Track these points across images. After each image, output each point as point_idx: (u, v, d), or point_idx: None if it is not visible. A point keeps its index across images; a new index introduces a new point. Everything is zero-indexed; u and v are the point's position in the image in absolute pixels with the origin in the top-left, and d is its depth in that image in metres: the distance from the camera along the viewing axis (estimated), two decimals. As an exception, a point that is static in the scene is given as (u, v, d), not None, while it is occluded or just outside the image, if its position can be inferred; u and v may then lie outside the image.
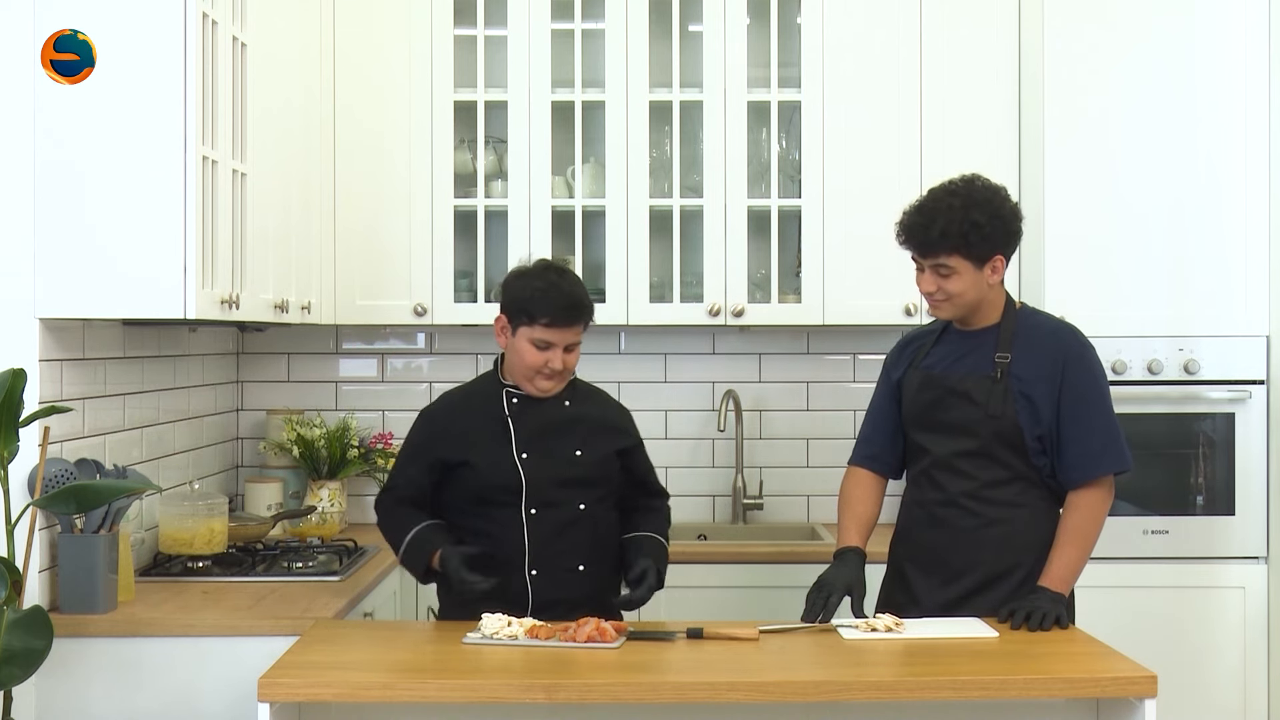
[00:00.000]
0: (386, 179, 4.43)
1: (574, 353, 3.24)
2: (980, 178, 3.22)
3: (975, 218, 3.11)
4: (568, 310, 3.18)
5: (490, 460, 3.23)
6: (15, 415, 2.84)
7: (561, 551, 3.22)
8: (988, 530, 3.19)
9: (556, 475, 3.22)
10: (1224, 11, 4.25)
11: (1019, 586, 3.17)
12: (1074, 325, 3.29)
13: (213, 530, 3.70)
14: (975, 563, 3.19)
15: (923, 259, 3.18)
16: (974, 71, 4.45)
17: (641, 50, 4.45)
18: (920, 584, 3.25)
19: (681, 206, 4.47)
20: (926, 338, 3.34)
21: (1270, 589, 4.23)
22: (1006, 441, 3.17)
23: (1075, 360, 3.20)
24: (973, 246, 3.12)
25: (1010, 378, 3.17)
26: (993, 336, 3.23)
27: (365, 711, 2.78)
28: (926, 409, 3.25)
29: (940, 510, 3.23)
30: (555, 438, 3.26)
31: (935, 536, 3.24)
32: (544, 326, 3.17)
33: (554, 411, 3.28)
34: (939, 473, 3.24)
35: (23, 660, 2.75)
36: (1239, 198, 4.25)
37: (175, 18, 3.12)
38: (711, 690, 2.65)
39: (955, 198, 3.14)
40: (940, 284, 3.17)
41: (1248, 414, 4.26)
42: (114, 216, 3.14)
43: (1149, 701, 2.65)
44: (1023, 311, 3.28)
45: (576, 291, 3.22)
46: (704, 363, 4.78)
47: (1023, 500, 3.21)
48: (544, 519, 3.22)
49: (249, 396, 4.74)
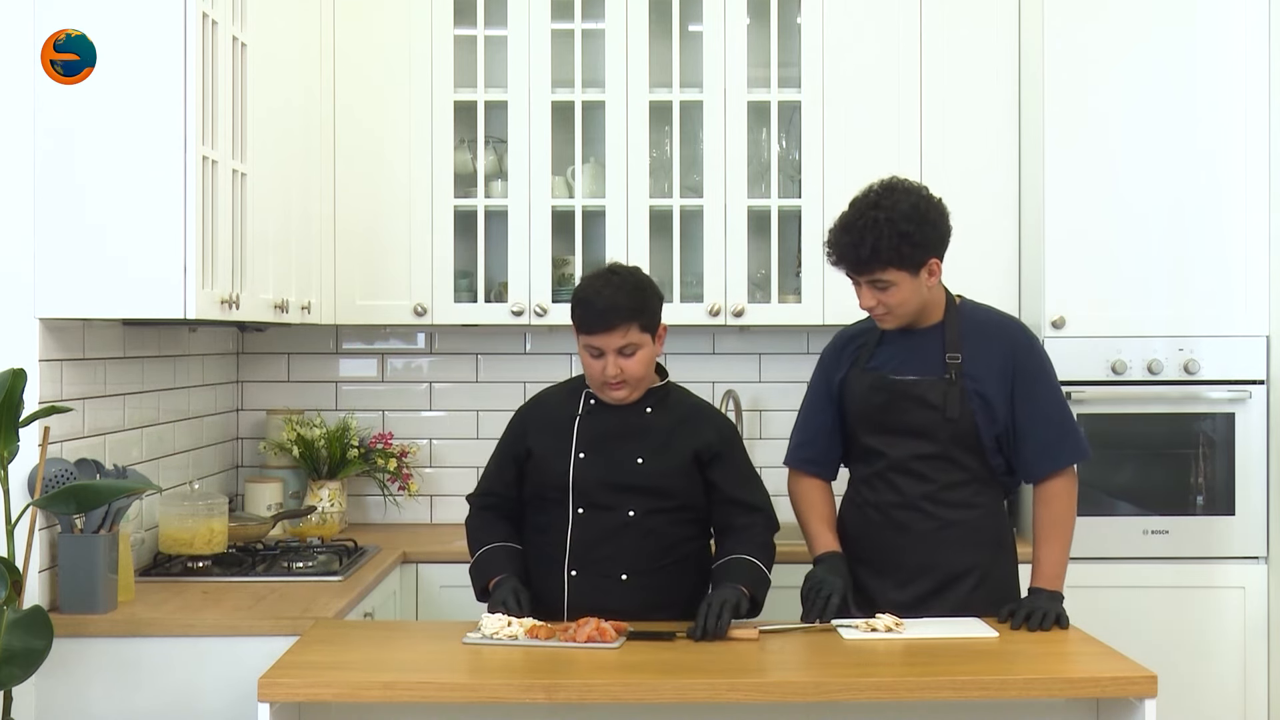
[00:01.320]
0: (386, 179, 4.43)
1: (634, 357, 3.17)
2: (900, 181, 3.16)
3: (903, 228, 3.06)
4: (598, 315, 3.14)
5: (549, 456, 3.25)
6: (15, 415, 2.84)
7: (604, 557, 3.20)
8: (946, 531, 3.19)
9: (610, 479, 3.21)
10: (1224, 12, 4.25)
11: (975, 589, 3.18)
12: (1017, 317, 3.29)
13: (213, 530, 3.70)
14: (932, 564, 3.19)
15: (858, 276, 3.15)
16: (974, 71, 4.45)
17: (641, 50, 4.44)
18: (873, 585, 3.23)
19: (681, 206, 4.47)
20: (867, 336, 3.30)
21: (1270, 589, 4.23)
22: (964, 443, 3.17)
23: (1025, 353, 3.20)
24: (906, 258, 3.08)
25: (964, 378, 3.16)
26: (939, 335, 3.21)
27: (365, 711, 2.78)
28: (879, 411, 3.22)
29: (898, 513, 3.22)
30: (618, 443, 3.23)
31: (892, 538, 3.22)
32: (585, 334, 3.17)
33: (628, 417, 3.26)
34: (896, 476, 3.22)
35: (23, 660, 2.76)
36: (1239, 198, 4.25)
37: (175, 18, 3.12)
38: (711, 690, 2.65)
39: (879, 210, 3.08)
40: (880, 298, 3.14)
41: (1248, 414, 4.26)
42: (114, 216, 3.14)
43: (1149, 701, 2.65)
44: (964, 306, 3.26)
45: (613, 295, 3.15)
46: (704, 363, 4.78)
47: (978, 501, 3.21)
48: (590, 521, 3.21)
49: (249, 396, 4.74)
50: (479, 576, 3.29)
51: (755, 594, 3.12)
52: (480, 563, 3.30)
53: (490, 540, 3.31)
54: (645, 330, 3.18)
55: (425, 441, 4.73)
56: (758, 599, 3.14)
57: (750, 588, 3.10)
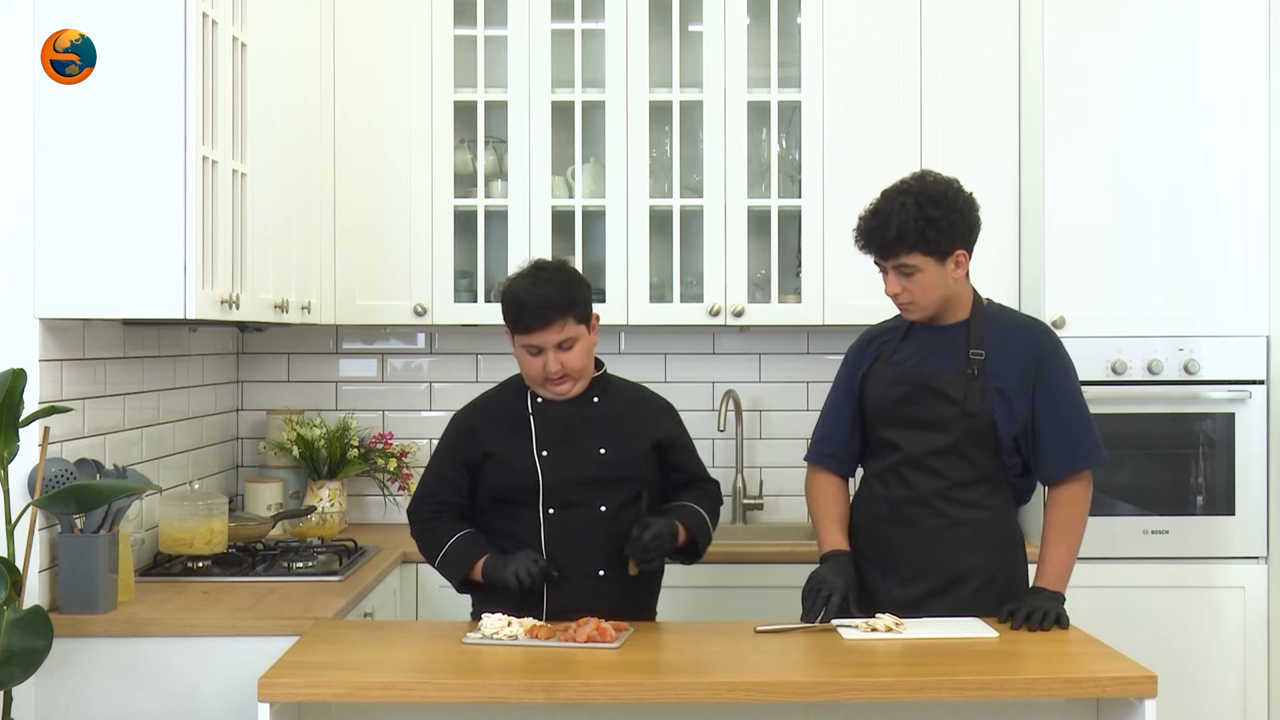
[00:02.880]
0: (386, 179, 4.43)
1: (573, 350, 3.15)
2: (931, 173, 3.21)
3: (930, 213, 3.09)
4: (534, 312, 3.11)
5: (511, 457, 3.20)
6: (15, 415, 2.84)
7: (580, 556, 3.18)
8: (953, 530, 3.19)
9: (578, 475, 3.18)
10: (1224, 12, 4.25)
11: (979, 591, 3.17)
12: (1043, 321, 3.29)
13: (213, 530, 3.71)
14: (936, 564, 3.19)
15: (884, 261, 3.17)
16: (974, 71, 4.45)
17: (641, 50, 4.45)
18: (878, 583, 3.24)
19: (681, 206, 4.47)
20: (891, 334, 3.32)
21: (1270, 589, 4.23)
22: (979, 440, 3.17)
23: (1049, 356, 3.20)
24: (931, 242, 3.10)
25: (986, 375, 3.17)
26: (963, 332, 3.22)
27: (365, 711, 2.78)
28: (897, 404, 3.23)
29: (908, 509, 3.22)
30: (578, 435, 3.21)
31: (899, 535, 3.23)
32: (521, 332, 3.14)
33: (580, 409, 3.23)
34: (909, 470, 3.22)
35: (23, 660, 2.76)
36: (1239, 197, 4.25)
37: (175, 18, 3.12)
38: (711, 690, 2.65)
39: (908, 195, 3.12)
40: (905, 285, 3.16)
41: (1248, 414, 4.26)
42: (114, 216, 3.14)
43: (1149, 701, 2.65)
44: (990, 307, 3.27)
45: (540, 291, 3.12)
46: (704, 363, 4.78)
47: (988, 502, 3.21)
48: (562, 520, 3.18)
49: (249, 396, 4.74)
50: (456, 565, 3.19)
51: (695, 537, 3.24)
52: (453, 551, 3.19)
53: (455, 533, 3.21)
54: (580, 322, 3.17)
55: (425, 441, 4.72)
56: (697, 543, 3.25)
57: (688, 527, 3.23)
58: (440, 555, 3.22)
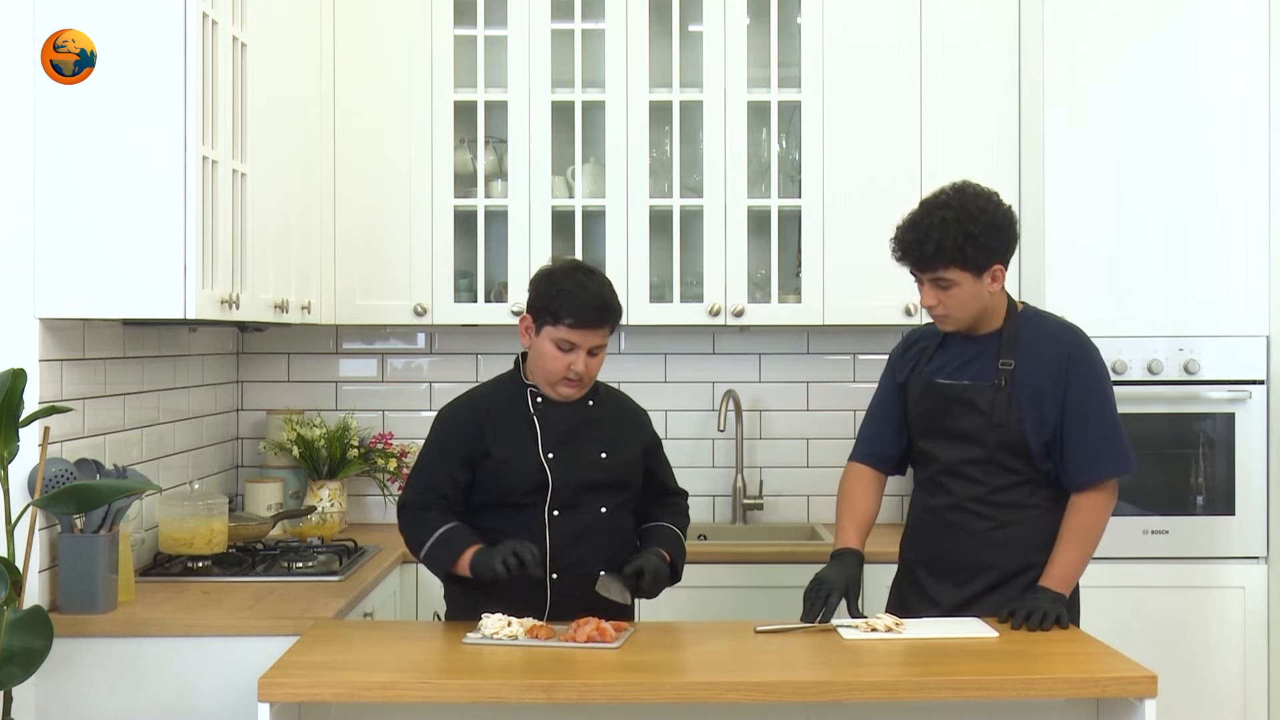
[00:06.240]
0: (386, 179, 4.43)
1: (598, 357, 3.18)
2: (971, 185, 3.19)
3: (970, 229, 3.09)
4: (595, 311, 3.12)
5: (516, 458, 3.18)
6: (15, 415, 2.84)
7: (583, 556, 3.18)
8: (999, 532, 3.20)
9: (582, 478, 3.19)
10: (1224, 12, 4.25)
11: (1033, 585, 3.17)
12: (1077, 326, 3.28)
13: (213, 530, 3.71)
14: (988, 564, 3.20)
15: (921, 274, 3.17)
16: (974, 71, 4.45)
17: (641, 50, 4.45)
18: (934, 587, 3.26)
19: (681, 206, 4.47)
20: (930, 340, 3.33)
21: (1270, 589, 4.23)
22: (1011, 449, 3.18)
23: (1078, 362, 3.20)
24: (970, 258, 3.10)
25: (1014, 385, 3.16)
26: (996, 342, 3.22)
27: (365, 711, 2.78)
28: (929, 416, 3.26)
29: (951, 515, 3.23)
30: (581, 439, 3.22)
31: (947, 540, 3.24)
32: (568, 327, 3.12)
33: (579, 412, 3.24)
34: (947, 479, 3.24)
35: (23, 660, 2.76)
36: (1239, 198, 4.25)
37: (175, 18, 3.12)
38: (711, 690, 2.65)
39: (948, 210, 3.11)
40: (940, 298, 3.16)
41: (1248, 414, 4.26)
42: (114, 216, 3.14)
43: (1149, 701, 2.65)
44: (1024, 314, 3.27)
45: (605, 293, 3.16)
46: (704, 363, 4.78)
47: (1031, 501, 3.21)
48: (566, 521, 3.18)
49: (249, 396, 4.74)
50: (444, 554, 3.14)
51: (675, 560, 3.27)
52: (442, 541, 3.14)
53: (445, 523, 3.17)
54: (612, 333, 3.22)
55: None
56: (677, 565, 3.28)
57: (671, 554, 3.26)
58: (428, 545, 3.17)
